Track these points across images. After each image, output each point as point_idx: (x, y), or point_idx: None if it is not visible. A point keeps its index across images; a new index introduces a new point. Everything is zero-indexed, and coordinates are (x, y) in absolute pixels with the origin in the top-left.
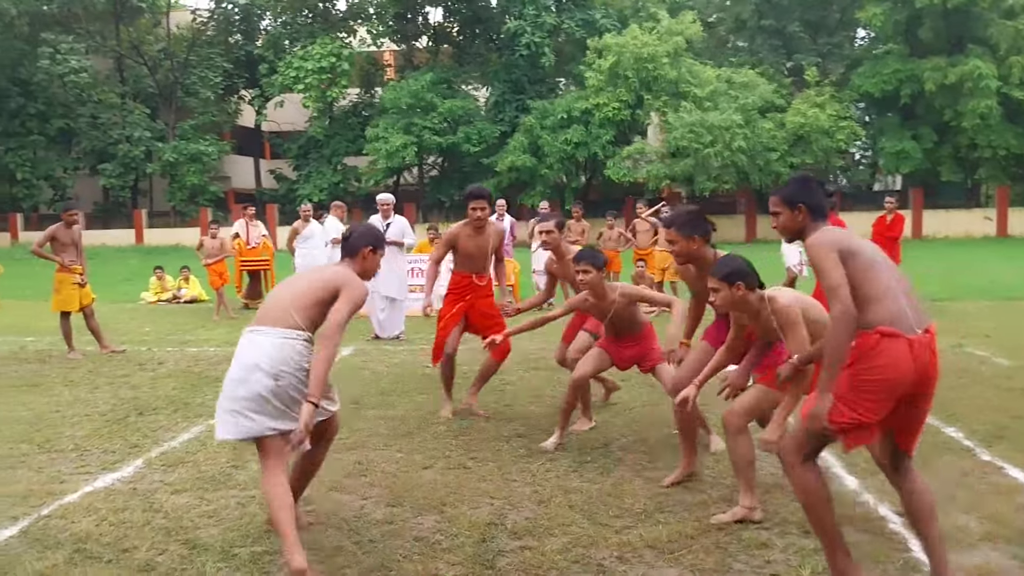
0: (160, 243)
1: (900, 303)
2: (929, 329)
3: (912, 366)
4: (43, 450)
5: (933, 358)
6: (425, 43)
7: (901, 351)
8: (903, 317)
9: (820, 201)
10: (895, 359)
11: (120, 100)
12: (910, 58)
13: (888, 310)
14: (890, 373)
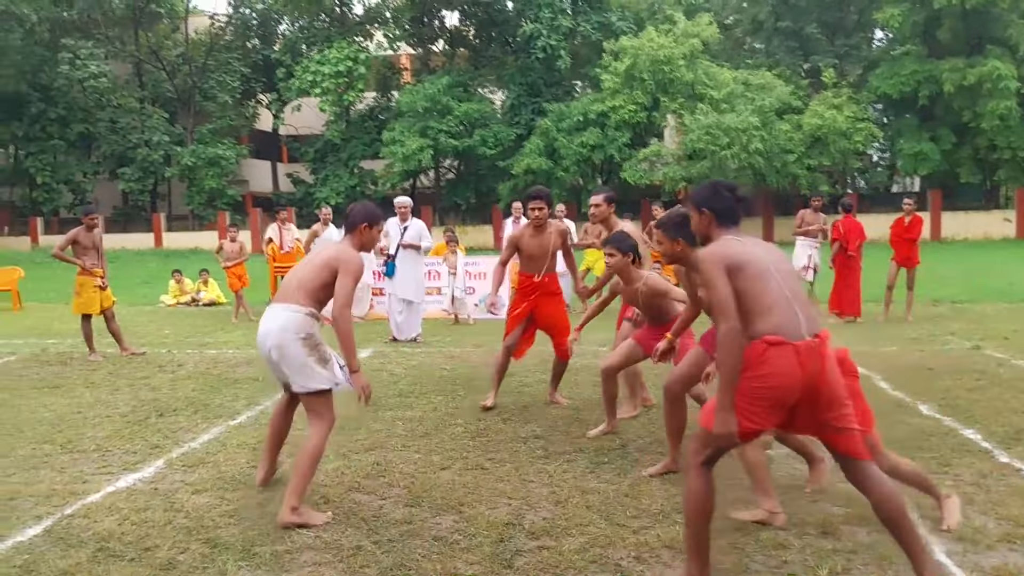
0: (179, 246)
1: (789, 311)
2: (820, 335)
3: (800, 372)
4: (65, 450)
5: (823, 364)
6: (441, 47)
7: (787, 358)
8: (790, 325)
9: (727, 206)
10: (781, 367)
11: (139, 105)
12: (928, 59)
13: (775, 319)
14: (777, 381)
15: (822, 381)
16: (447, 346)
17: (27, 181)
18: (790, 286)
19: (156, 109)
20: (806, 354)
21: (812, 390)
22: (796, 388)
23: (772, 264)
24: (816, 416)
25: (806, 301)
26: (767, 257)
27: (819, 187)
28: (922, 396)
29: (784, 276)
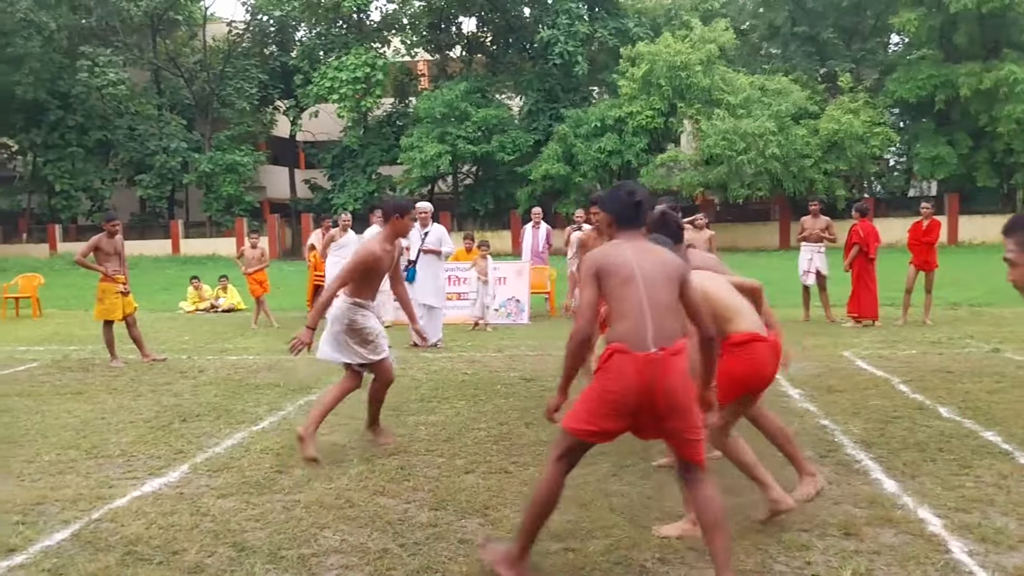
0: (196, 253)
1: (641, 321)
2: (665, 348)
3: (636, 382)
4: (90, 456)
5: (663, 376)
6: (459, 53)
7: (626, 367)
8: (636, 335)
9: (623, 209)
10: (619, 374)
11: (157, 112)
12: (945, 63)
13: (626, 327)
14: (614, 387)
15: (660, 392)
16: (468, 351)
17: (46, 188)
18: (653, 296)
19: (174, 116)
20: (645, 365)
21: (651, 400)
22: (633, 397)
23: (642, 273)
24: (660, 424)
25: (667, 312)
26: (640, 265)
27: (836, 192)
28: (942, 399)
29: (650, 286)
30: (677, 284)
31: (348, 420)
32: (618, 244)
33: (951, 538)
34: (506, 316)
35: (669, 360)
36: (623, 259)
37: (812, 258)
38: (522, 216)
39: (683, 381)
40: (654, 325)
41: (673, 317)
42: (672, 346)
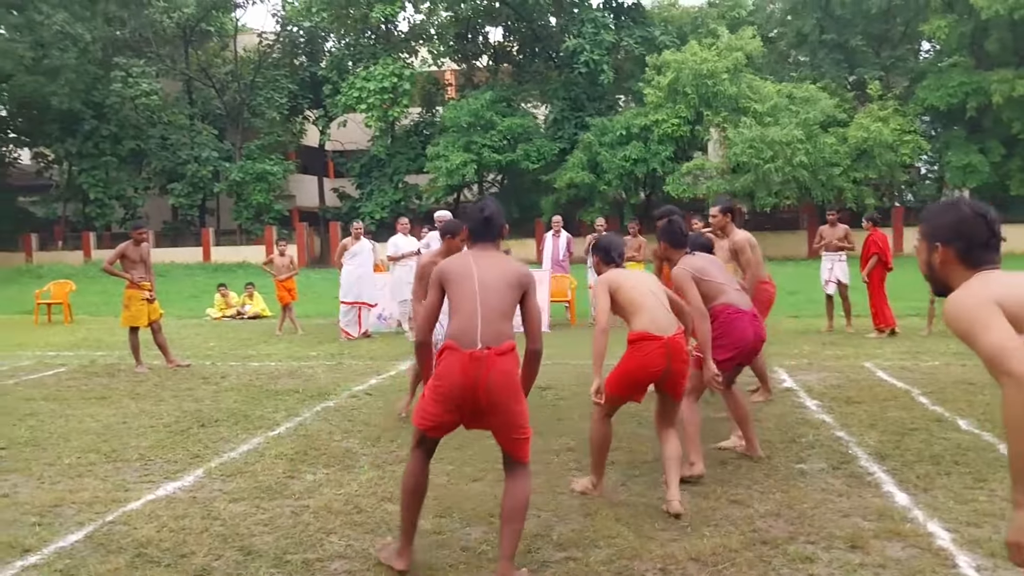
0: (226, 260)
1: (470, 321)
2: (491, 347)
3: (461, 378)
4: (109, 459)
5: (486, 373)
6: (485, 62)
7: (453, 363)
8: (466, 333)
9: (475, 225)
10: (447, 370)
11: (189, 121)
12: (976, 70)
13: (459, 327)
14: (443, 382)
15: (483, 388)
16: None
17: (80, 196)
18: (486, 298)
19: (205, 126)
20: (470, 362)
21: (474, 395)
22: (458, 391)
23: (479, 277)
24: (485, 419)
25: (499, 315)
26: (478, 271)
27: (865, 200)
28: (962, 411)
29: (485, 289)
30: (516, 291)
31: (363, 427)
32: (465, 254)
33: (959, 553)
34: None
35: (494, 359)
36: (466, 267)
37: (832, 267)
38: (546, 224)
39: (506, 380)
40: (483, 326)
41: (504, 321)
42: (499, 346)
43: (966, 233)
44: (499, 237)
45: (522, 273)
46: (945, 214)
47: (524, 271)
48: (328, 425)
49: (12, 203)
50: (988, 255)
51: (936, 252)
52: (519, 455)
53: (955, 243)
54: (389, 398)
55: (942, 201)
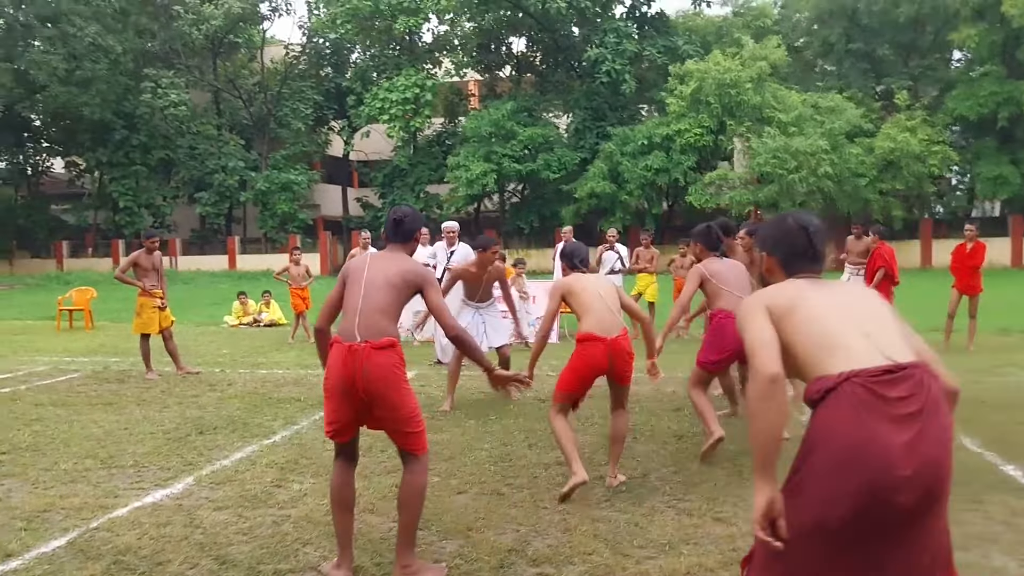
0: (251, 269)
1: (351, 318)
2: (369, 342)
3: (342, 369)
4: (104, 465)
5: (361, 365)
6: (508, 72)
7: (336, 356)
8: (347, 329)
9: (387, 227)
10: (332, 363)
11: (216, 132)
12: (1008, 80)
13: (343, 323)
14: (329, 374)
15: (360, 379)
16: None
17: (111, 205)
18: (367, 295)
19: (232, 136)
20: (348, 354)
21: (354, 386)
22: (340, 382)
23: (367, 278)
24: (371, 413)
25: (379, 311)
26: (369, 272)
27: (892, 212)
28: (969, 430)
29: (367, 289)
30: (401, 289)
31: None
32: (366, 255)
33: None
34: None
35: (371, 352)
36: (360, 267)
37: (850, 279)
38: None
39: (384, 373)
40: (364, 322)
41: (384, 316)
42: (377, 341)
43: (785, 244)
44: (408, 240)
45: (409, 272)
46: (772, 226)
47: (413, 270)
48: (322, 434)
49: (45, 211)
50: (805, 264)
51: (764, 260)
52: (408, 447)
53: (776, 252)
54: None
55: (775, 216)
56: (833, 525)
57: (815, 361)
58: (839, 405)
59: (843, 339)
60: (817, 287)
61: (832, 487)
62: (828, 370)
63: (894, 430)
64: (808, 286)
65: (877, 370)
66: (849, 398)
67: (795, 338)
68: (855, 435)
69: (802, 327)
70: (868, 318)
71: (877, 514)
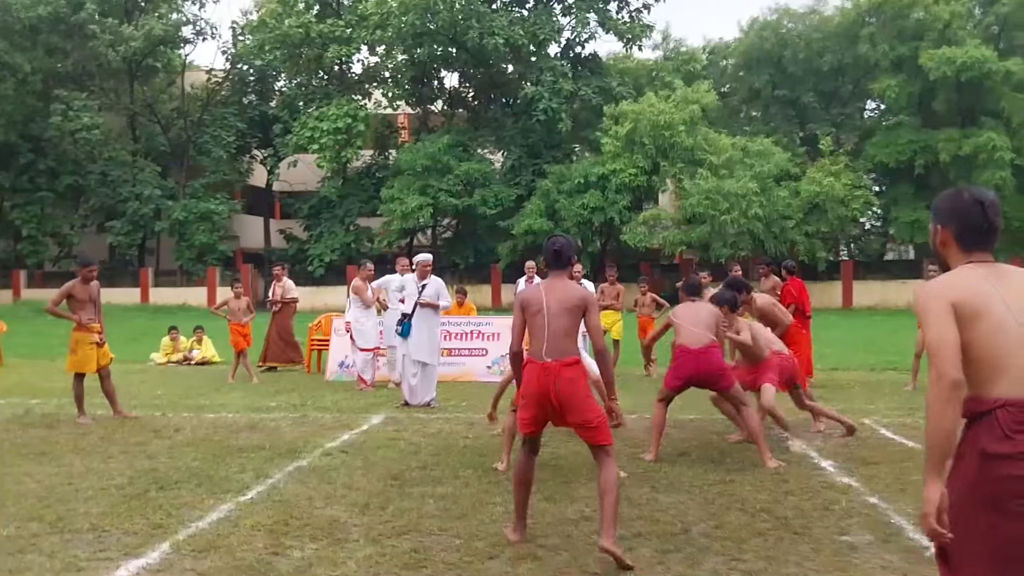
0: (166, 302)
1: (541, 342)
2: (559, 360)
3: (538, 384)
4: (55, 530)
5: (554, 380)
6: (440, 107)
7: (531, 373)
8: (539, 350)
9: (548, 257)
10: (528, 379)
11: (131, 158)
12: (924, 129)
13: (533, 345)
14: (527, 387)
15: (553, 391)
16: (464, 411)
17: (12, 233)
18: (551, 322)
19: (148, 163)
20: (543, 372)
21: (548, 398)
22: (538, 394)
23: (546, 305)
24: (563, 418)
25: (563, 334)
26: (549, 301)
27: (817, 254)
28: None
29: (550, 314)
30: (575, 313)
31: (346, 491)
32: (539, 284)
33: None
34: (499, 373)
35: (561, 369)
36: (537, 296)
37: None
38: (503, 271)
39: (573, 387)
40: (548, 343)
41: (567, 338)
42: (564, 359)
43: (961, 217)
44: (567, 267)
45: (580, 296)
46: (946, 199)
47: (581, 294)
48: (305, 489)
49: None
50: (979, 239)
51: (937, 233)
52: (597, 441)
53: (951, 225)
54: (369, 458)
55: (951, 190)
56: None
57: (980, 377)
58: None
59: (1011, 359)
60: (998, 283)
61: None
62: (987, 392)
63: None
64: (989, 284)
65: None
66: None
67: (972, 348)
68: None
69: (983, 340)
70: None
71: None
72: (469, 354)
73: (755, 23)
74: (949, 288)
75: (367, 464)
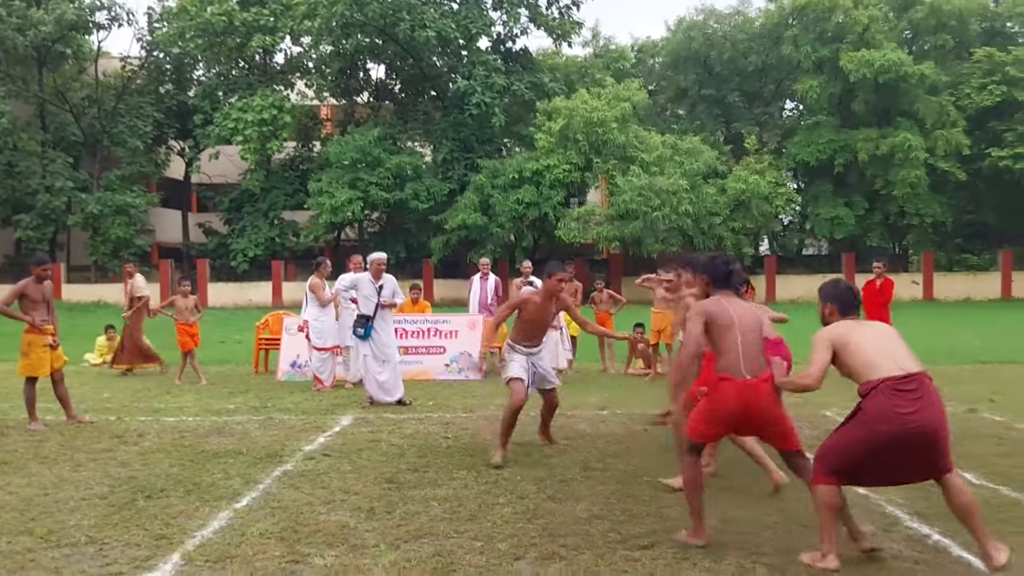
0: (80, 299)
1: (737, 358)
2: (758, 377)
3: (738, 400)
4: (50, 544)
5: (756, 396)
6: (366, 99)
7: (731, 389)
8: (736, 366)
9: (720, 275)
10: (726, 395)
11: (40, 148)
12: (843, 129)
13: (727, 361)
14: (725, 404)
15: (754, 407)
16: (434, 411)
17: None
18: (744, 339)
19: (59, 153)
20: (745, 389)
21: (747, 414)
22: (738, 411)
23: (738, 320)
24: (764, 429)
25: (757, 350)
26: (738, 316)
27: (743, 249)
28: (960, 464)
29: (743, 333)
30: (760, 329)
31: (344, 495)
32: (718, 299)
33: None
34: (458, 371)
35: (760, 385)
36: (727, 312)
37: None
38: (435, 266)
39: (771, 401)
40: (746, 362)
41: (761, 354)
42: (762, 375)
43: (840, 298)
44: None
45: (760, 312)
46: (828, 286)
47: (759, 312)
48: (301, 494)
49: None
50: (852, 310)
51: (825, 308)
52: (791, 446)
53: (834, 304)
54: (355, 461)
55: (832, 280)
56: (877, 440)
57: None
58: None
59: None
60: (864, 328)
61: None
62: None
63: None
64: (855, 324)
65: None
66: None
67: (851, 359)
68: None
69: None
70: (890, 343)
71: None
72: (427, 352)
73: (682, 23)
74: (833, 333)
75: (356, 468)
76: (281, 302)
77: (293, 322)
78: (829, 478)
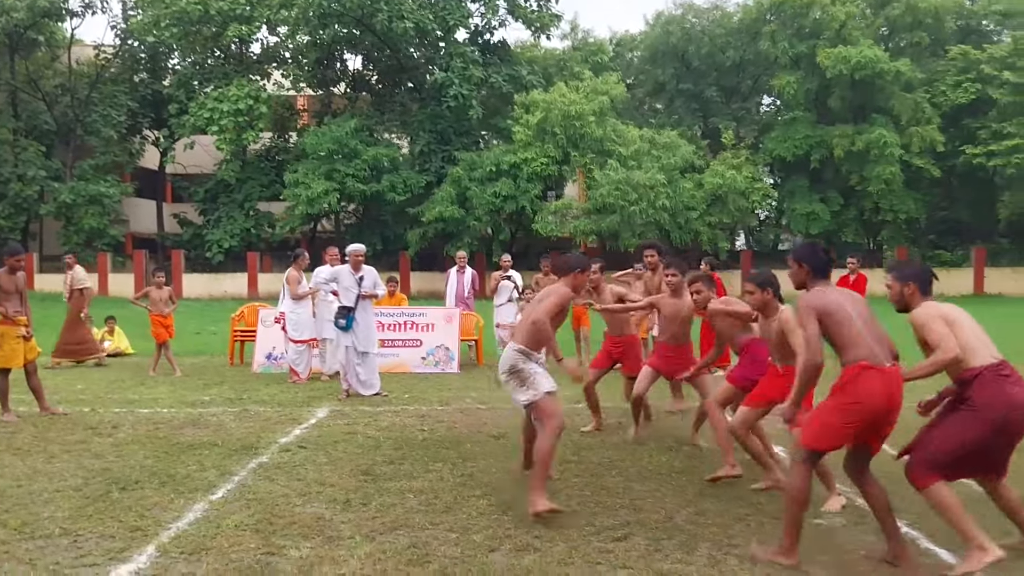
0: (53, 289)
1: (869, 345)
2: (894, 364)
3: (884, 390)
4: (23, 536)
5: (898, 384)
6: (343, 90)
7: (876, 380)
8: (873, 354)
9: (821, 263)
10: (872, 389)
11: (12, 136)
12: (819, 124)
13: (864, 351)
14: (871, 400)
15: (895, 397)
16: (409, 404)
17: None
18: (867, 326)
19: (31, 142)
20: (887, 377)
21: (890, 407)
22: (883, 405)
23: (853, 310)
24: (883, 429)
25: (882, 337)
26: (854, 306)
27: (719, 243)
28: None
29: (864, 320)
30: None
31: (320, 487)
32: (823, 291)
33: None
34: (434, 364)
35: (897, 372)
36: (839, 301)
37: None
38: (412, 258)
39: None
40: (878, 348)
41: (885, 341)
42: (896, 364)
43: (814, 259)
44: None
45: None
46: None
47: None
48: (276, 486)
49: None
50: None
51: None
52: (880, 444)
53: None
54: (331, 453)
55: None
56: (996, 427)
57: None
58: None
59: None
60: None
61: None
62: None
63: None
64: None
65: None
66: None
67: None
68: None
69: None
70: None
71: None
72: (403, 345)
73: (660, 17)
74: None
75: (332, 460)
76: (256, 293)
77: (269, 314)
78: (933, 475)
